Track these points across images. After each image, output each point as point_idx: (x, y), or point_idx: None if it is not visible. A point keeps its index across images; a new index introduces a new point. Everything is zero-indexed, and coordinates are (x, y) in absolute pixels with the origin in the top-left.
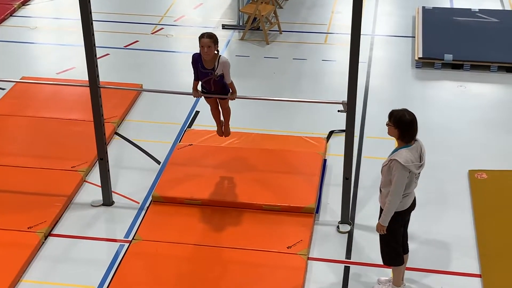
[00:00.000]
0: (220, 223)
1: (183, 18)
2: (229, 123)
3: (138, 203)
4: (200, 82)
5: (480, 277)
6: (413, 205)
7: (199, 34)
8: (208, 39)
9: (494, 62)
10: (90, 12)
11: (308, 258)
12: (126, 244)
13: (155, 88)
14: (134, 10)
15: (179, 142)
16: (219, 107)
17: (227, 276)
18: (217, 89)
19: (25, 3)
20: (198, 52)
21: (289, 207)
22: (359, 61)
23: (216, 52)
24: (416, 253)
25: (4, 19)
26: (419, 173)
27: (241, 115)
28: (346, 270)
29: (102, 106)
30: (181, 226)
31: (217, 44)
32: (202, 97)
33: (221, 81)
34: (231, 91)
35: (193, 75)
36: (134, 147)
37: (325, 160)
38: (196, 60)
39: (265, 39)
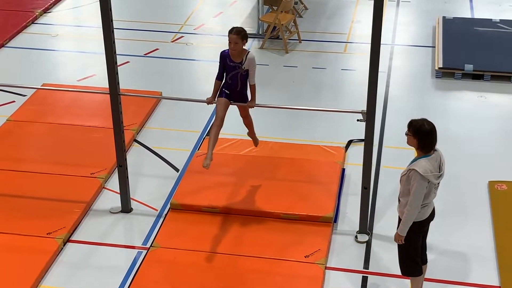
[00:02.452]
0: (238, 231)
1: (203, 26)
2: (254, 130)
3: (157, 210)
4: (224, 81)
5: None
6: (432, 216)
7: (219, 42)
8: (236, 35)
9: None
10: (111, 20)
11: (326, 268)
12: (144, 251)
13: (174, 96)
14: (155, 19)
15: (198, 150)
16: (240, 116)
17: (245, 284)
18: (243, 86)
19: (46, 10)
20: (226, 49)
21: (307, 216)
22: (379, 70)
23: (244, 47)
24: (434, 264)
25: (26, 27)
26: (438, 184)
27: (260, 124)
28: (364, 280)
29: (122, 113)
30: (199, 233)
31: (246, 39)
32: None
33: (247, 77)
34: (250, 97)
35: (213, 80)
36: (153, 155)
37: (343, 170)
38: (224, 55)
39: (285, 48)
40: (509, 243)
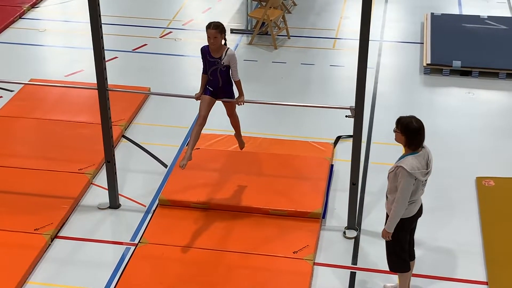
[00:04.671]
0: (227, 227)
1: (192, 22)
2: (240, 132)
3: (145, 206)
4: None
5: (487, 284)
6: (419, 212)
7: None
8: (214, 30)
9: (502, 69)
10: (99, 15)
11: (314, 264)
12: (132, 247)
13: (163, 91)
14: (143, 14)
15: (186, 145)
16: (227, 115)
17: (233, 280)
18: (225, 82)
19: (34, 5)
20: (207, 45)
21: (296, 212)
22: (367, 66)
23: (224, 42)
24: (422, 260)
25: (13, 21)
26: (425, 180)
27: (248, 120)
28: (352, 276)
29: (110, 109)
30: (187, 229)
31: (224, 33)
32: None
33: (227, 72)
34: (238, 93)
35: (197, 77)
36: (141, 150)
37: (332, 166)
38: (204, 51)
39: (273, 44)
40: (497, 239)
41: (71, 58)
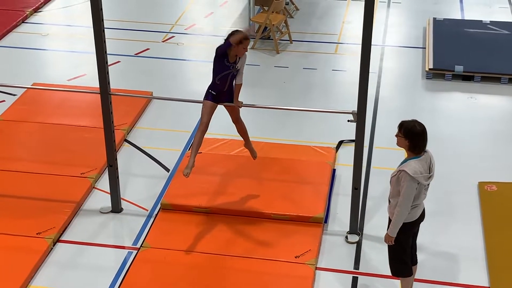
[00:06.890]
0: (228, 232)
1: (194, 26)
2: (249, 139)
3: (147, 210)
4: (211, 83)
5: None
6: (422, 216)
7: (210, 42)
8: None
9: (504, 74)
10: (102, 20)
11: (316, 268)
12: (134, 251)
13: (165, 95)
14: (145, 18)
15: (188, 149)
16: (232, 122)
17: (235, 285)
18: (229, 87)
19: (37, 10)
20: (222, 46)
21: (298, 217)
22: (369, 71)
23: None
24: (424, 265)
25: (16, 26)
26: (428, 185)
27: (250, 124)
28: (354, 280)
29: (112, 113)
30: (190, 234)
31: None
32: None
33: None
34: (235, 98)
35: (204, 81)
36: (143, 155)
37: (334, 170)
38: (226, 54)
39: (276, 48)
40: (499, 244)
41: (74, 62)
